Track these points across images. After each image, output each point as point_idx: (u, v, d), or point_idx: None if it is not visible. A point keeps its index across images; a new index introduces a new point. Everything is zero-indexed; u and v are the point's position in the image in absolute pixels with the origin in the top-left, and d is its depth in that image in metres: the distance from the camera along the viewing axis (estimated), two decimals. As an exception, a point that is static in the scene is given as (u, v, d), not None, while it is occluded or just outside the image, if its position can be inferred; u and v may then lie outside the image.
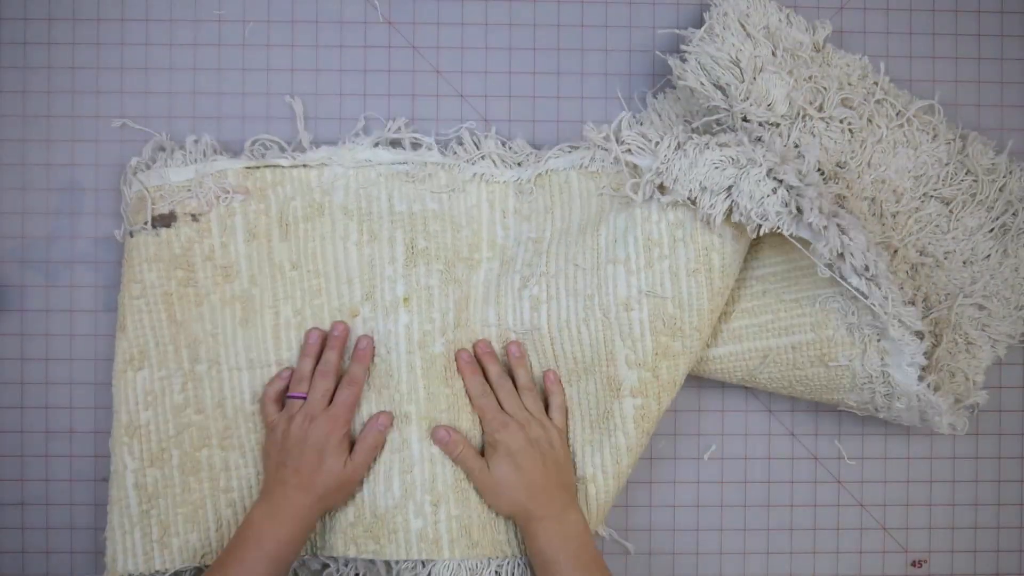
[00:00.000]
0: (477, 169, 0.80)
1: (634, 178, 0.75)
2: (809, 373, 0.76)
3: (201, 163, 0.78)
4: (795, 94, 0.77)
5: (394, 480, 0.75)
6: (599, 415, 0.76)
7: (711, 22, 0.77)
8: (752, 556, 0.84)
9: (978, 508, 0.84)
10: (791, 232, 0.69)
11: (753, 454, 0.84)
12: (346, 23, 0.82)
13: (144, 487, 0.76)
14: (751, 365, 0.77)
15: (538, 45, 0.83)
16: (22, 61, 0.81)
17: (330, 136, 0.82)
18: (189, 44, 0.82)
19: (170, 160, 0.79)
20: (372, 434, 0.75)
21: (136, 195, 0.78)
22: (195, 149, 0.79)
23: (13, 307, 0.81)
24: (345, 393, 0.75)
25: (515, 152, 0.81)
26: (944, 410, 0.73)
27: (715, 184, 0.70)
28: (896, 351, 0.72)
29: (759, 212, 0.69)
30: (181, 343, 0.78)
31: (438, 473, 0.75)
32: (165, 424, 0.77)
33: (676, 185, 0.71)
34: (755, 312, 0.77)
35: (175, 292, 0.77)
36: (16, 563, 0.81)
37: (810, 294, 0.75)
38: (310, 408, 0.74)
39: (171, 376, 0.77)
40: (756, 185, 0.69)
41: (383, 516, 0.75)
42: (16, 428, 0.81)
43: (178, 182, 0.78)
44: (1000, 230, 0.81)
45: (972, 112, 0.84)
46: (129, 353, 0.77)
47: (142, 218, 0.77)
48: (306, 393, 0.75)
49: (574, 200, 0.79)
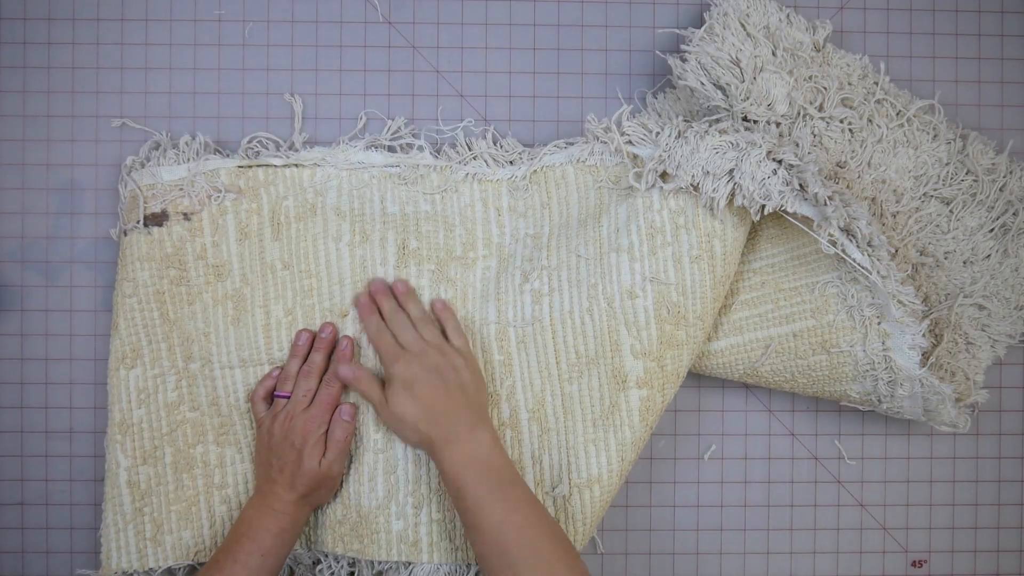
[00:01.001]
0: (470, 169, 0.80)
1: (636, 168, 0.75)
2: (811, 362, 0.76)
3: (193, 162, 0.78)
4: (795, 94, 0.77)
5: (378, 480, 0.76)
6: (603, 410, 0.75)
7: (711, 22, 0.77)
8: (752, 556, 0.84)
9: (978, 508, 0.84)
10: (794, 210, 0.70)
11: (753, 454, 0.84)
12: (346, 23, 0.82)
13: (137, 485, 0.77)
14: (753, 357, 0.77)
15: (538, 45, 0.83)
16: (22, 61, 0.81)
17: (330, 136, 0.82)
18: (189, 44, 0.82)
19: (163, 159, 0.79)
20: (338, 427, 0.75)
21: (130, 194, 0.78)
22: (188, 148, 0.79)
23: (13, 307, 0.81)
24: (324, 393, 0.75)
25: (507, 151, 0.81)
26: (948, 395, 0.74)
27: (717, 168, 0.71)
28: (897, 332, 0.73)
29: (762, 192, 0.70)
30: (174, 341, 0.78)
31: (422, 475, 0.76)
32: (158, 421, 0.77)
33: (679, 171, 0.72)
34: (755, 303, 0.77)
35: (167, 291, 0.78)
36: (16, 563, 0.81)
37: (809, 281, 0.76)
38: (292, 407, 0.75)
39: (164, 374, 0.77)
40: (757, 166, 0.70)
41: (366, 516, 0.76)
42: (16, 428, 0.81)
43: (170, 181, 0.78)
44: (1000, 230, 0.81)
45: (972, 112, 0.84)
46: (122, 351, 0.77)
47: (135, 216, 0.78)
48: (291, 392, 0.76)
49: (571, 194, 0.79)
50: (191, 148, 0.79)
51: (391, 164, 0.79)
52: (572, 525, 0.75)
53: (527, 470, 0.77)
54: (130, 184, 0.78)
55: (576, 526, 0.75)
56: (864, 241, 0.70)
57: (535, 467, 0.76)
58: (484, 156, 0.80)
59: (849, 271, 0.74)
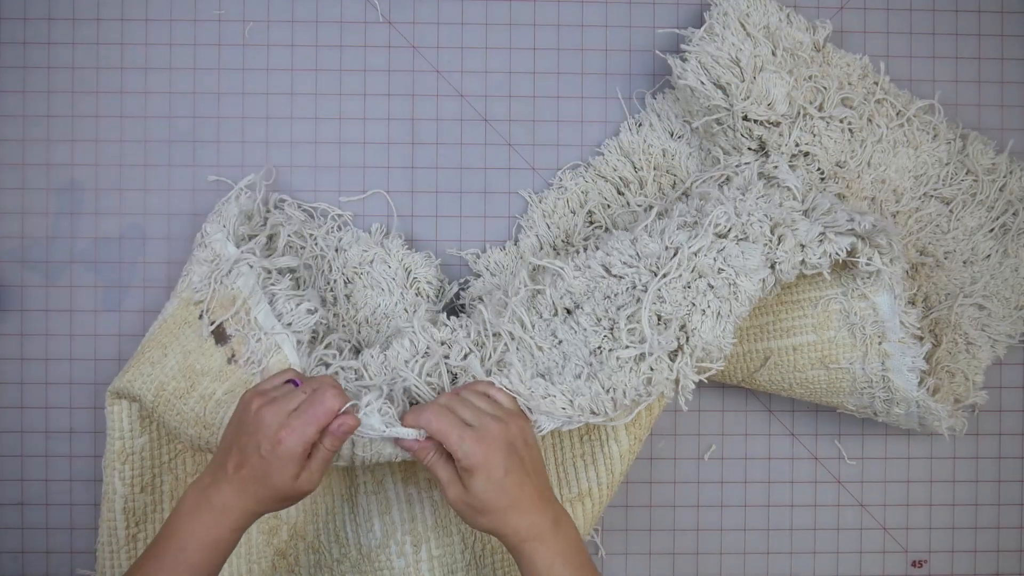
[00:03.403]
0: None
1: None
2: (809, 375, 0.76)
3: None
4: (795, 93, 0.77)
5: (374, 521, 0.74)
6: (590, 425, 0.75)
7: (711, 21, 0.77)
8: (752, 556, 0.84)
9: (978, 508, 0.84)
10: (839, 256, 0.70)
11: (753, 454, 0.84)
12: (346, 23, 0.82)
13: (133, 512, 0.75)
14: (752, 367, 0.77)
15: (538, 45, 0.83)
16: (22, 61, 0.81)
17: (331, 136, 0.82)
18: (189, 44, 0.82)
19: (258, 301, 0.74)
20: (334, 440, 0.63)
21: (226, 296, 0.74)
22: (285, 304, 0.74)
23: (13, 307, 0.81)
24: (322, 406, 0.62)
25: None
26: (944, 416, 0.73)
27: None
28: (898, 353, 0.72)
29: (811, 267, 0.70)
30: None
31: (417, 514, 0.74)
32: (159, 449, 0.76)
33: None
34: (755, 313, 0.77)
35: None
36: (16, 563, 0.81)
37: (811, 295, 0.75)
38: (286, 402, 0.63)
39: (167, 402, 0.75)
40: (789, 256, 0.69)
41: (368, 555, 0.74)
42: (16, 428, 0.81)
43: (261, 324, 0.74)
44: (1000, 230, 0.81)
45: (972, 112, 0.84)
46: (124, 390, 0.74)
47: (211, 314, 0.74)
48: (300, 382, 0.66)
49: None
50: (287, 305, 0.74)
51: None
52: None
53: None
54: (222, 287, 0.74)
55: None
56: (895, 252, 0.71)
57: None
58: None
59: (857, 288, 0.73)
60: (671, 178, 0.82)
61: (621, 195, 0.82)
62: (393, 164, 0.83)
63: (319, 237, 0.80)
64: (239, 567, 0.77)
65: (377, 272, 0.80)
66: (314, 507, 0.77)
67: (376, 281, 0.80)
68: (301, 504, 0.77)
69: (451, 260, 0.83)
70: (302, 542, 0.77)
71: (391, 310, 0.80)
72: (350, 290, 0.80)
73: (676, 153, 0.82)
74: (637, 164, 0.82)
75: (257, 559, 0.77)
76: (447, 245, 0.84)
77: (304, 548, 0.77)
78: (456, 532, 0.74)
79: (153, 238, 0.82)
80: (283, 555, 0.77)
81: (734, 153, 0.78)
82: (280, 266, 0.76)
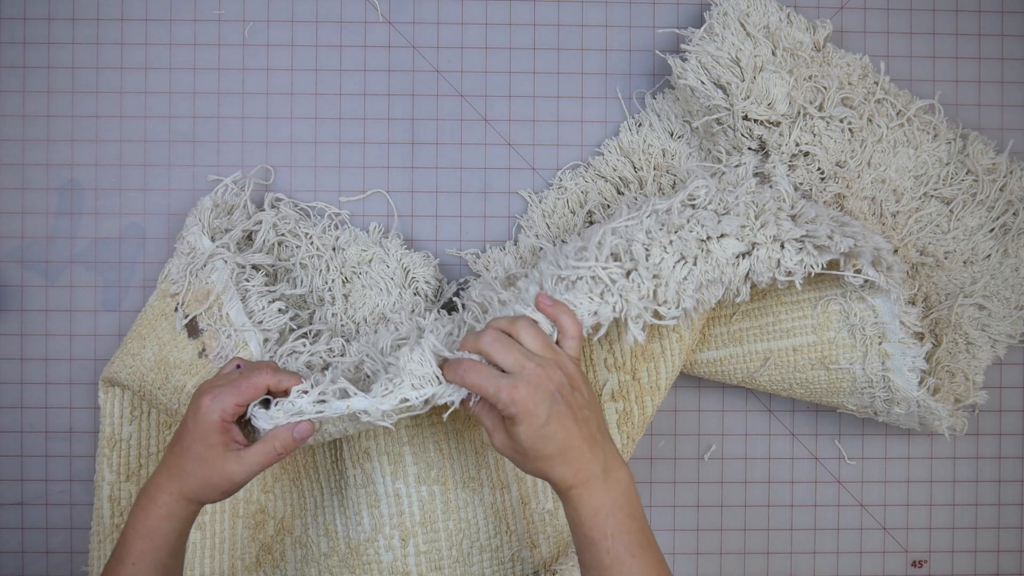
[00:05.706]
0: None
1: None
2: (810, 376, 0.76)
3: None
4: (795, 93, 0.77)
5: (363, 514, 0.74)
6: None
7: (711, 21, 0.77)
8: (752, 556, 0.84)
9: (978, 508, 0.84)
10: (820, 268, 0.69)
11: (753, 454, 0.84)
12: (346, 23, 0.82)
13: (118, 500, 0.77)
14: (752, 367, 0.77)
15: (538, 45, 0.83)
16: (22, 61, 0.81)
17: (331, 136, 0.82)
18: (189, 44, 0.82)
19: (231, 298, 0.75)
20: (280, 439, 0.62)
21: (200, 290, 0.75)
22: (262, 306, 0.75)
23: (13, 307, 0.81)
24: (264, 372, 0.63)
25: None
26: (944, 416, 0.74)
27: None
28: (898, 353, 0.72)
29: (783, 272, 0.69)
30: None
31: (405, 509, 0.74)
32: (147, 440, 0.77)
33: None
34: (755, 314, 0.77)
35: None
36: (16, 563, 0.81)
37: (811, 296, 0.75)
38: (227, 377, 0.63)
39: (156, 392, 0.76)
40: (765, 262, 0.68)
41: (356, 548, 0.74)
42: (16, 428, 0.81)
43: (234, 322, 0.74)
44: (1000, 230, 0.81)
45: (972, 112, 0.84)
46: (116, 376, 0.76)
47: (185, 307, 0.75)
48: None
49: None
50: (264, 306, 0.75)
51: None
52: (558, 539, 0.75)
53: (511, 488, 0.76)
54: (202, 280, 0.75)
55: (563, 539, 0.75)
56: (885, 267, 0.70)
57: (519, 484, 0.75)
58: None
59: (855, 290, 0.73)
60: (671, 178, 0.82)
61: (621, 195, 0.82)
62: (393, 164, 0.83)
63: (315, 236, 0.80)
64: (223, 563, 0.77)
65: (375, 272, 0.80)
66: (302, 501, 0.77)
67: (374, 281, 0.80)
68: (288, 498, 0.77)
69: (450, 260, 0.84)
70: (289, 537, 0.77)
71: (389, 310, 0.80)
72: (348, 289, 0.80)
73: (676, 153, 0.82)
74: (637, 164, 0.82)
75: (241, 554, 0.77)
76: (447, 245, 0.84)
77: (291, 543, 0.77)
78: (442, 529, 0.74)
79: (153, 238, 0.82)
80: (268, 550, 0.77)
81: (734, 153, 0.78)
82: (254, 262, 0.77)
